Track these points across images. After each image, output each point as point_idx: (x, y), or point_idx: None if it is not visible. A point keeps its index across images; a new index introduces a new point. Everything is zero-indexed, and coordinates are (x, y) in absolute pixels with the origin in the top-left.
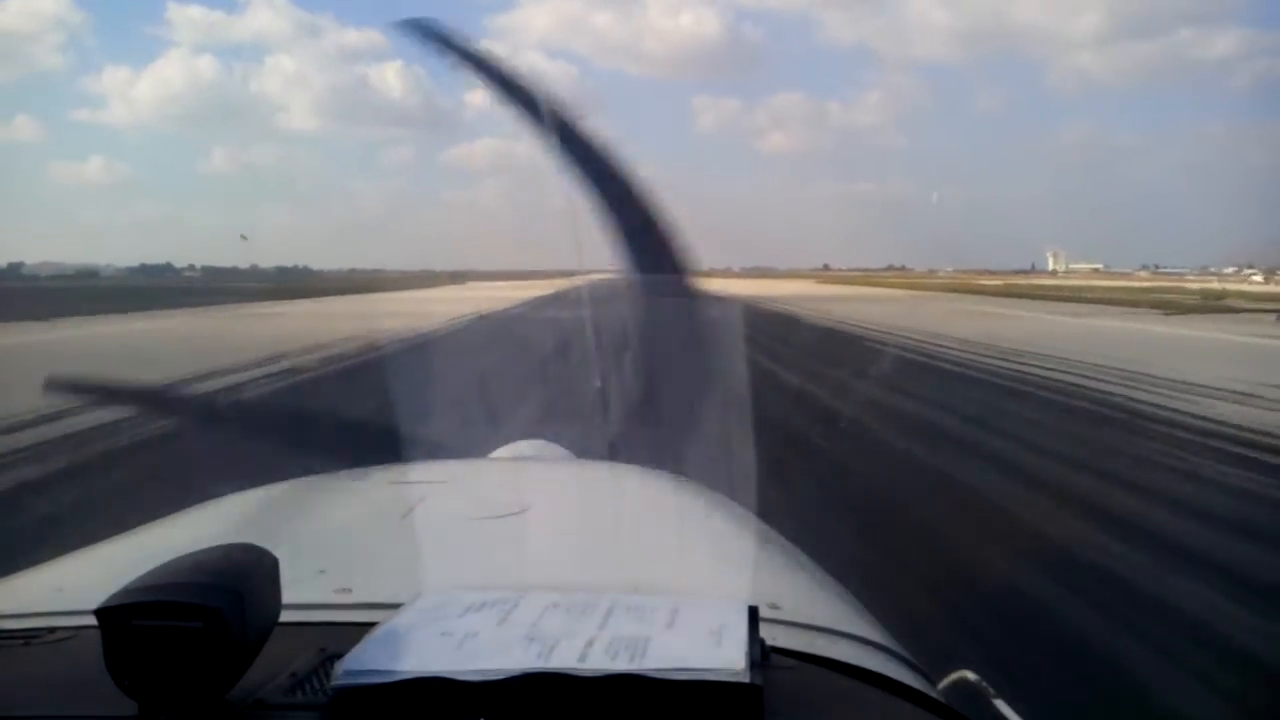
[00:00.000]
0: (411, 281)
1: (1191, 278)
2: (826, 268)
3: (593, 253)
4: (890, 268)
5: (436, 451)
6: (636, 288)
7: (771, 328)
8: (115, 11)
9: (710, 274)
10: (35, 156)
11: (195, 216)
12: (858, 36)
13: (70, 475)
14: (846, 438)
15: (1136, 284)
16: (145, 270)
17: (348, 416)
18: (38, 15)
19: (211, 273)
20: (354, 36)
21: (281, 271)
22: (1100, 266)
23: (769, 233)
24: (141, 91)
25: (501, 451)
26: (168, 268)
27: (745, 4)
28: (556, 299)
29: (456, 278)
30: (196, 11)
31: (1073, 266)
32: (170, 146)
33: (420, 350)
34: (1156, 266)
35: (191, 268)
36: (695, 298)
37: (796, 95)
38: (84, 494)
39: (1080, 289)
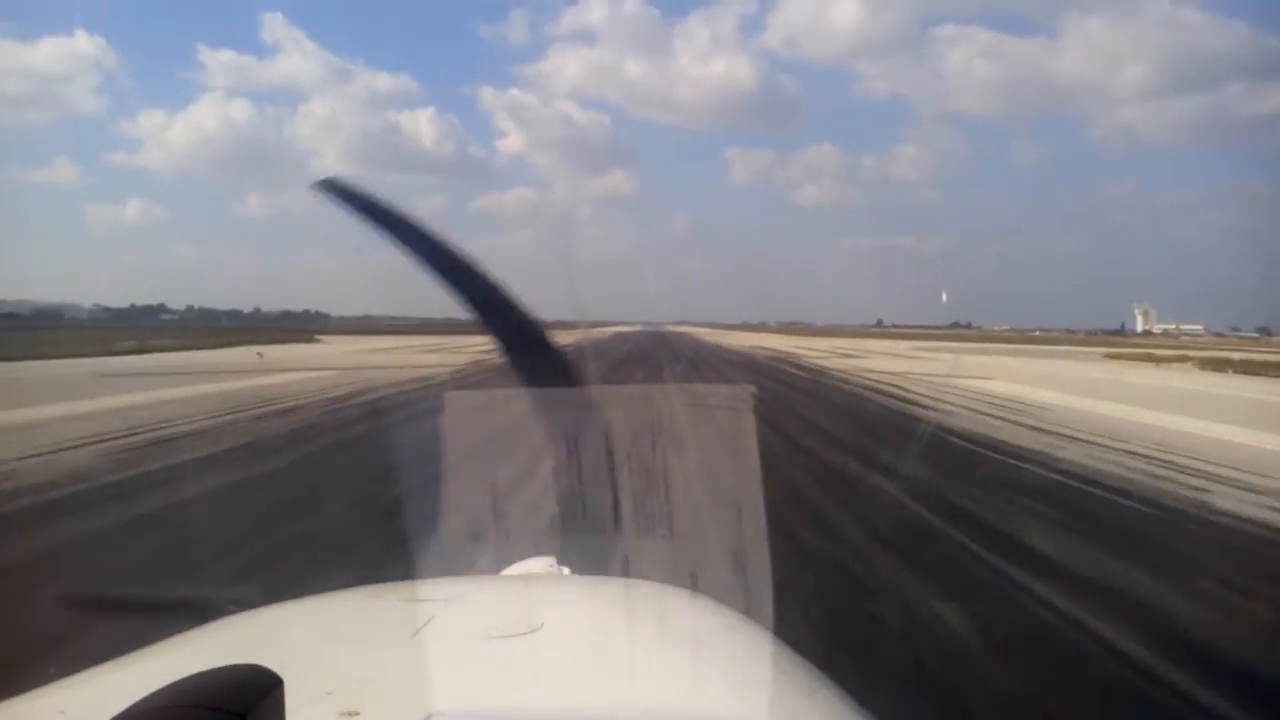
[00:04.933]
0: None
1: None
2: (880, 324)
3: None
4: (955, 325)
5: None
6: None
7: None
8: (148, 54)
9: (744, 327)
10: (71, 198)
11: (227, 259)
12: (894, 89)
13: None
14: None
15: None
16: (132, 312)
17: None
18: (75, 56)
19: (207, 315)
20: (385, 81)
21: (285, 316)
22: (1202, 328)
23: (807, 287)
24: (175, 135)
25: (512, 569)
26: (160, 308)
27: (780, 54)
28: None
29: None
30: (227, 55)
31: (1184, 327)
32: (202, 189)
33: None
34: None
35: (189, 309)
36: None
37: (827, 147)
38: None
39: None
